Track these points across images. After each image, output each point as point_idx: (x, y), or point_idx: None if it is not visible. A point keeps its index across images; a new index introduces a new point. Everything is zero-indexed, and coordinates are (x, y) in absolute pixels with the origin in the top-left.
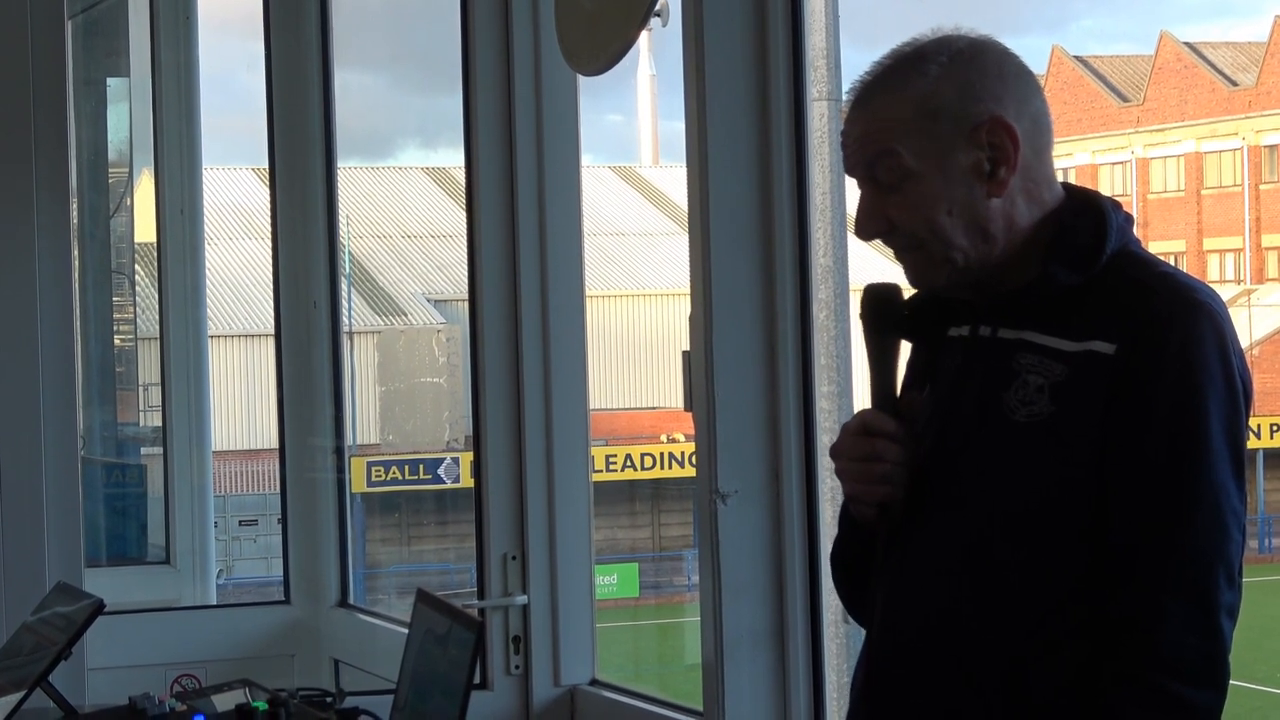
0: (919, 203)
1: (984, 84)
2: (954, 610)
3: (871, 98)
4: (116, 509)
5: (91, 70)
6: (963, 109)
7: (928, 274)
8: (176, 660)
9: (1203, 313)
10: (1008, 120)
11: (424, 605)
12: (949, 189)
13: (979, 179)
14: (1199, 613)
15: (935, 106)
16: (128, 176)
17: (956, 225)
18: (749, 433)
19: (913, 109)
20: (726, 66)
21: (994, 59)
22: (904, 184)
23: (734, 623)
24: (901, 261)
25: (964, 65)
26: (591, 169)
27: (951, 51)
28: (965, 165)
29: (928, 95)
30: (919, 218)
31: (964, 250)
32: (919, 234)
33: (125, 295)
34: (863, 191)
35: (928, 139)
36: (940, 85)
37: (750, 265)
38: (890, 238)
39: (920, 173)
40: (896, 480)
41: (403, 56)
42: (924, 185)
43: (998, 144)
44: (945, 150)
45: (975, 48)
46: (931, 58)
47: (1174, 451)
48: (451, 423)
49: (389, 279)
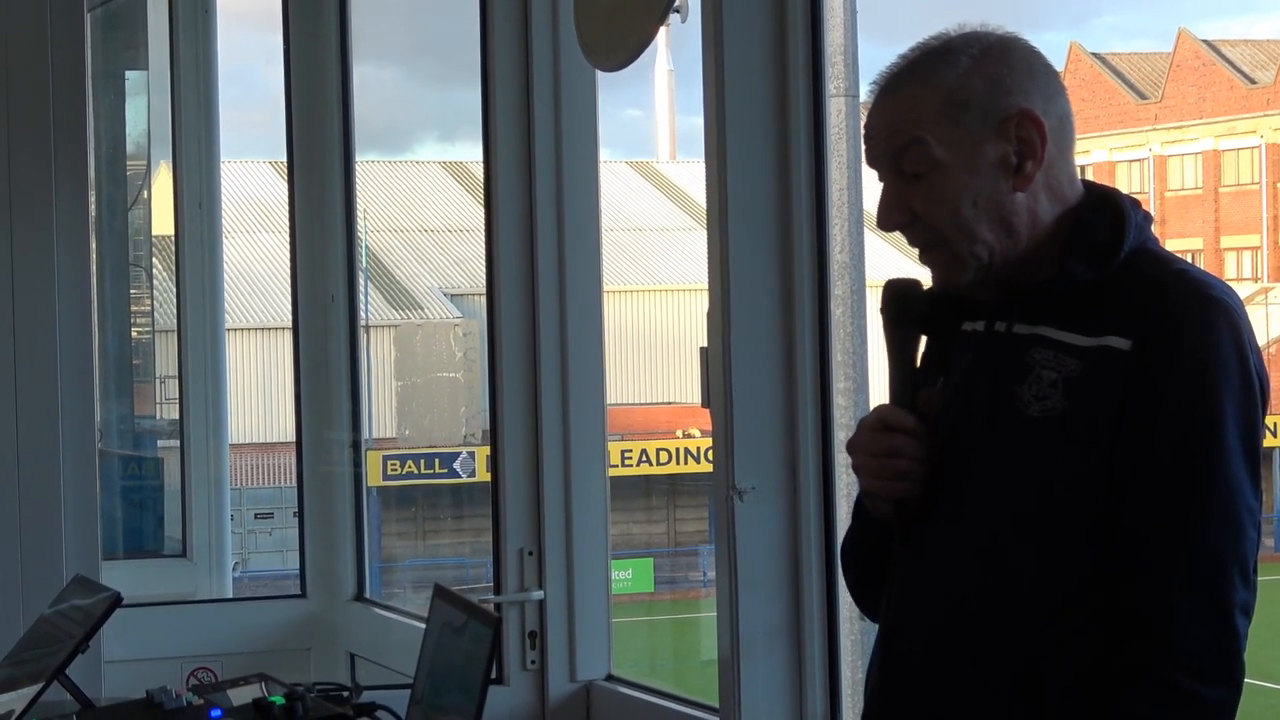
0: (944, 194)
1: (1013, 79)
2: (968, 605)
3: (900, 87)
4: (133, 502)
5: (111, 63)
6: (992, 101)
7: (954, 272)
8: (192, 654)
9: (1218, 309)
10: (1036, 114)
11: (442, 601)
12: (975, 181)
13: (1005, 172)
14: (1213, 609)
15: (965, 98)
16: (146, 169)
17: (980, 218)
18: (766, 429)
19: (942, 99)
20: (745, 62)
21: (1022, 55)
22: (930, 174)
23: (750, 619)
24: (926, 262)
25: (994, 59)
26: (608, 164)
27: (981, 46)
28: (992, 158)
29: (957, 86)
30: (943, 209)
31: (987, 244)
32: (942, 226)
33: (143, 288)
34: (886, 182)
35: (956, 130)
36: (970, 77)
37: (768, 261)
38: (912, 230)
39: (947, 163)
40: (914, 476)
41: (421, 49)
42: (950, 176)
43: (1025, 138)
44: (973, 142)
45: (1004, 44)
46: (961, 50)
47: (1188, 447)
48: (468, 418)
49: (406, 273)
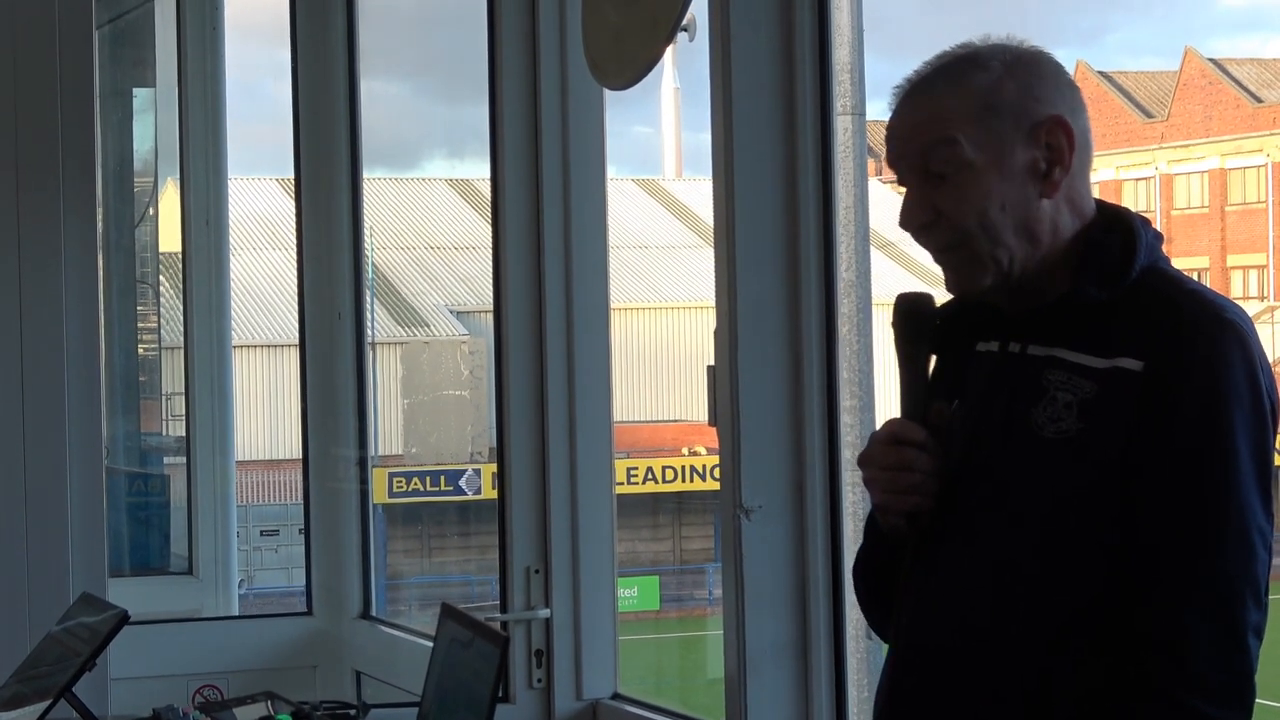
0: (972, 195)
1: (1043, 87)
2: (979, 624)
3: (931, 89)
4: (140, 519)
5: (119, 80)
6: (1023, 107)
7: (971, 275)
8: (199, 671)
9: (1230, 330)
10: (1067, 121)
11: (449, 619)
12: (1003, 185)
13: (1034, 178)
14: (1225, 631)
15: (997, 101)
16: (153, 186)
17: (1006, 222)
18: (773, 447)
19: (975, 101)
20: (752, 80)
21: (1051, 67)
22: (957, 175)
23: (757, 637)
24: (942, 264)
25: (1025, 67)
26: (615, 181)
27: (1012, 55)
28: (1022, 163)
29: (990, 89)
30: (970, 210)
31: (1010, 249)
32: (967, 227)
33: (150, 305)
34: (909, 182)
35: (987, 132)
36: (1003, 82)
37: (775, 279)
38: (933, 230)
39: (977, 165)
40: (925, 490)
41: (430, 65)
42: (979, 178)
43: (1055, 144)
44: (1004, 146)
45: (1033, 54)
46: (992, 57)
47: (1200, 468)
48: (475, 435)
49: (413, 290)
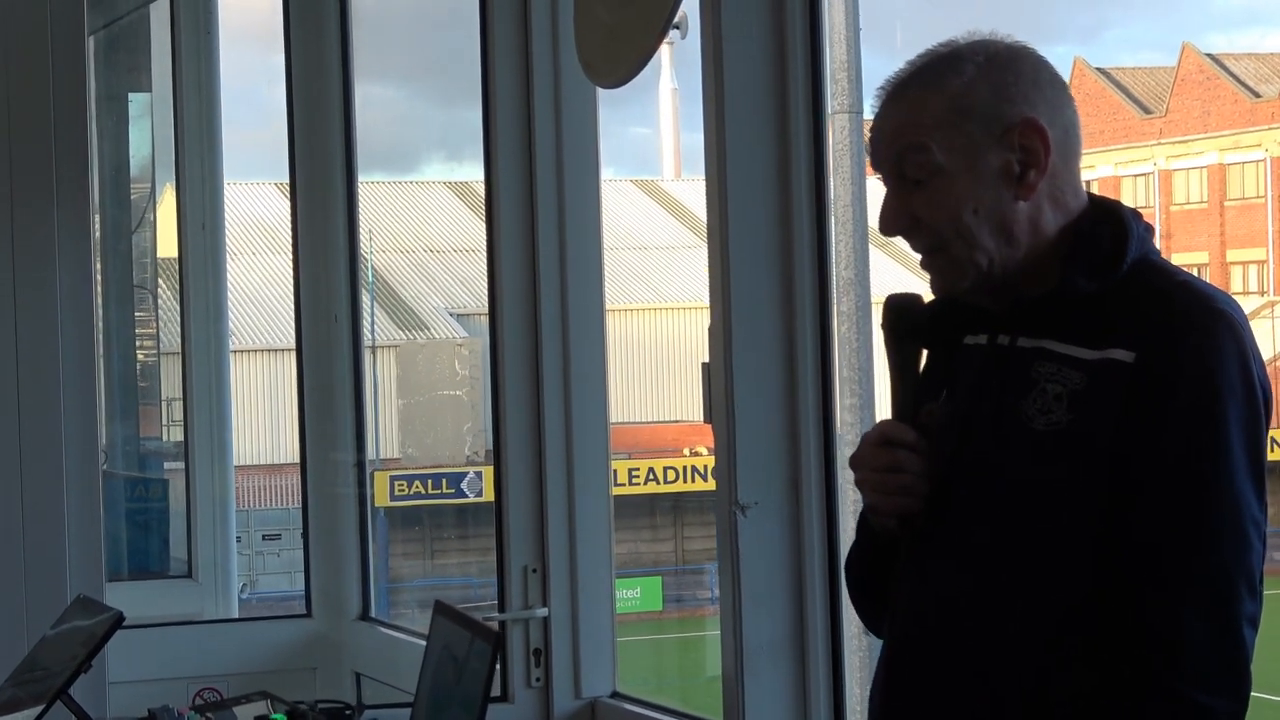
0: (945, 200)
1: (1018, 87)
2: (973, 619)
3: (905, 93)
4: (139, 523)
5: (114, 86)
6: (996, 110)
7: (952, 277)
8: (198, 674)
9: (1222, 321)
10: (1040, 123)
11: (442, 617)
12: (976, 188)
13: (1008, 181)
14: (1221, 623)
15: (968, 105)
16: (150, 192)
17: (982, 225)
18: (768, 444)
19: (946, 106)
20: (745, 79)
21: (1030, 65)
22: (932, 180)
23: (754, 634)
24: (926, 267)
25: (1000, 68)
26: (613, 182)
27: (988, 54)
28: (995, 166)
29: (962, 93)
30: (944, 215)
31: (988, 252)
32: (943, 232)
33: (147, 310)
34: (888, 188)
35: (959, 136)
36: (975, 85)
37: (769, 278)
38: (913, 236)
39: (949, 170)
40: (916, 491)
41: (427, 68)
42: (952, 183)
43: (1029, 147)
44: (976, 149)
45: (1012, 52)
46: (968, 58)
47: (1193, 461)
48: (471, 436)
49: (411, 293)
